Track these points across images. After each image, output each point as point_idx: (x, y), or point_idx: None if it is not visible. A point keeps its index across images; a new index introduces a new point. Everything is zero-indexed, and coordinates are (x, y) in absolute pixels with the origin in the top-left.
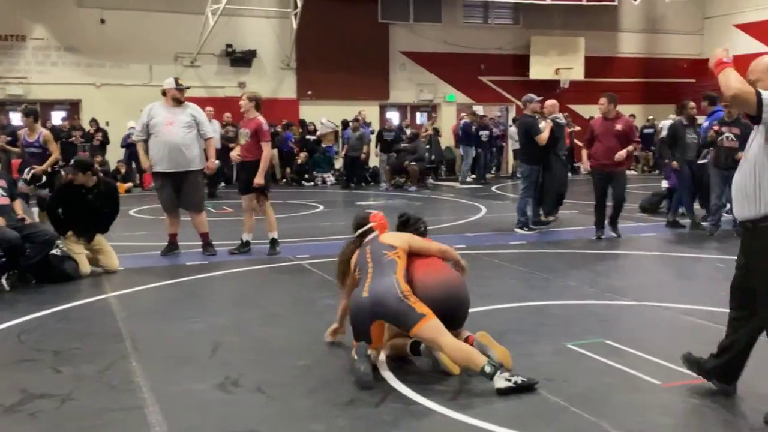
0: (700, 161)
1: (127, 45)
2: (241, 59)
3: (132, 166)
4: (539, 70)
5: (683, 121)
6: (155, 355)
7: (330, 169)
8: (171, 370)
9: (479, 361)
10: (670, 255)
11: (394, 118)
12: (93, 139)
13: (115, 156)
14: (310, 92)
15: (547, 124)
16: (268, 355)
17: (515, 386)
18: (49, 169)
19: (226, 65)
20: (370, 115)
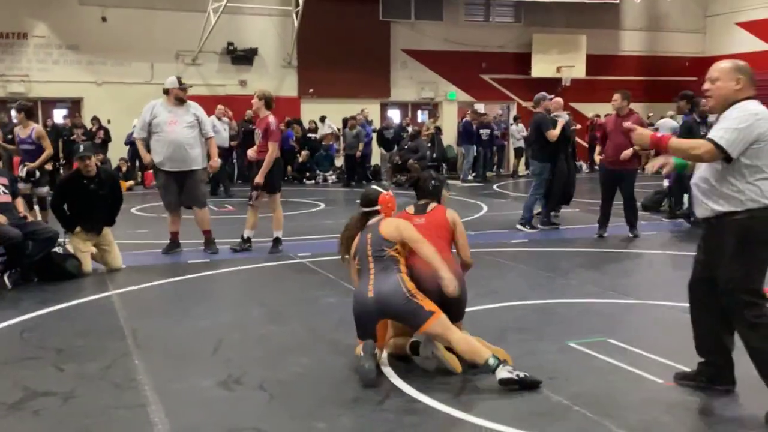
0: None
1: (129, 43)
2: (242, 57)
3: (135, 163)
4: (541, 68)
5: (696, 119)
6: (158, 353)
7: (331, 167)
8: (173, 367)
9: (485, 354)
10: (672, 253)
11: (395, 116)
12: (95, 138)
13: (117, 154)
14: (312, 90)
15: (560, 121)
16: (271, 353)
17: (517, 378)
18: (50, 167)
19: (228, 63)
20: (372, 113)
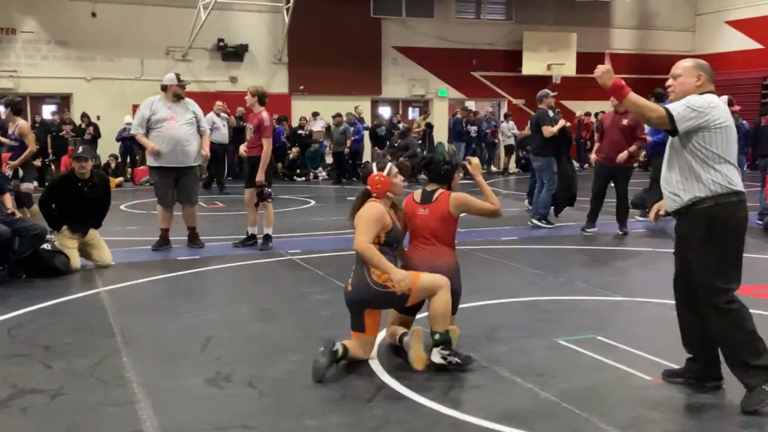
0: None
1: (119, 39)
2: (232, 54)
3: (127, 160)
4: (531, 65)
5: None
6: (146, 350)
7: (320, 164)
8: (162, 365)
9: (441, 327)
10: (661, 251)
11: (385, 113)
12: (84, 134)
13: (107, 150)
14: (302, 87)
15: (561, 122)
16: (260, 351)
17: (448, 365)
18: (38, 163)
19: (218, 60)
20: (362, 110)
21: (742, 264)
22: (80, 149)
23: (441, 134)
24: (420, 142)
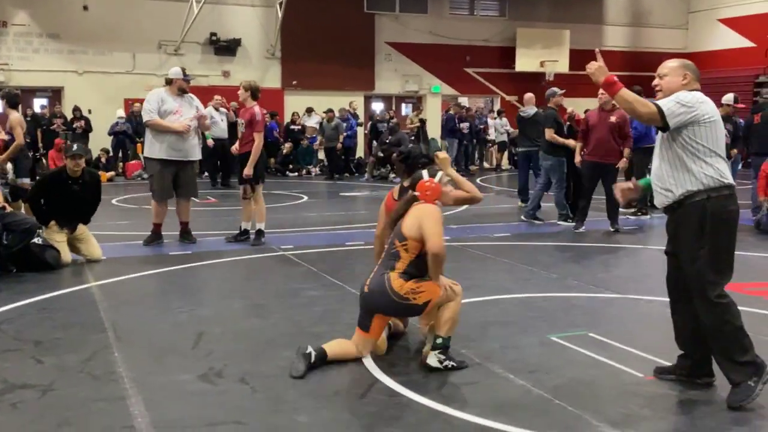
0: None
1: (111, 32)
2: (225, 48)
3: (119, 154)
4: (524, 62)
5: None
6: (138, 346)
7: (312, 160)
8: (154, 360)
9: (445, 333)
10: (653, 248)
11: (378, 109)
12: (75, 129)
13: (98, 144)
14: (295, 82)
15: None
16: (253, 346)
17: (442, 368)
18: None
19: (210, 54)
20: (357, 106)
21: (734, 260)
22: (75, 146)
23: (434, 130)
24: (413, 138)
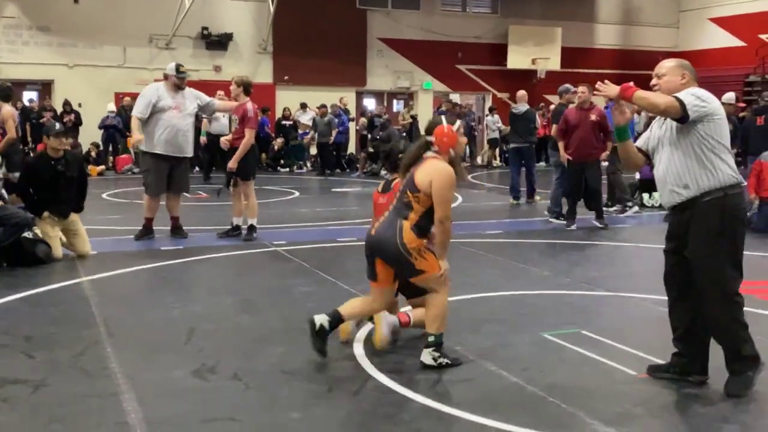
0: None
1: (101, 25)
2: (216, 42)
3: (109, 148)
4: (516, 59)
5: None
6: (130, 341)
7: (303, 155)
8: (146, 356)
9: (436, 330)
10: (644, 246)
11: (371, 105)
12: (65, 123)
13: (88, 139)
14: (287, 77)
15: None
16: (245, 343)
17: (438, 366)
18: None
19: (202, 48)
20: (347, 102)
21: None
22: (57, 125)
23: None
24: (405, 134)
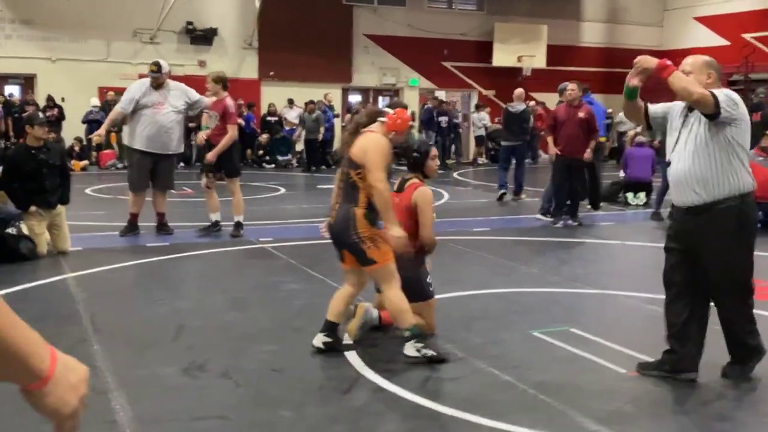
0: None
1: (85, 19)
2: (201, 37)
3: (91, 143)
4: (502, 57)
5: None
6: (117, 339)
7: (289, 152)
8: (134, 354)
9: (406, 322)
10: (631, 244)
11: (356, 101)
12: (49, 116)
13: (71, 133)
14: (272, 73)
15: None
16: (234, 340)
17: (423, 357)
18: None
19: (186, 43)
20: (333, 98)
21: None
22: (41, 115)
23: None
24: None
